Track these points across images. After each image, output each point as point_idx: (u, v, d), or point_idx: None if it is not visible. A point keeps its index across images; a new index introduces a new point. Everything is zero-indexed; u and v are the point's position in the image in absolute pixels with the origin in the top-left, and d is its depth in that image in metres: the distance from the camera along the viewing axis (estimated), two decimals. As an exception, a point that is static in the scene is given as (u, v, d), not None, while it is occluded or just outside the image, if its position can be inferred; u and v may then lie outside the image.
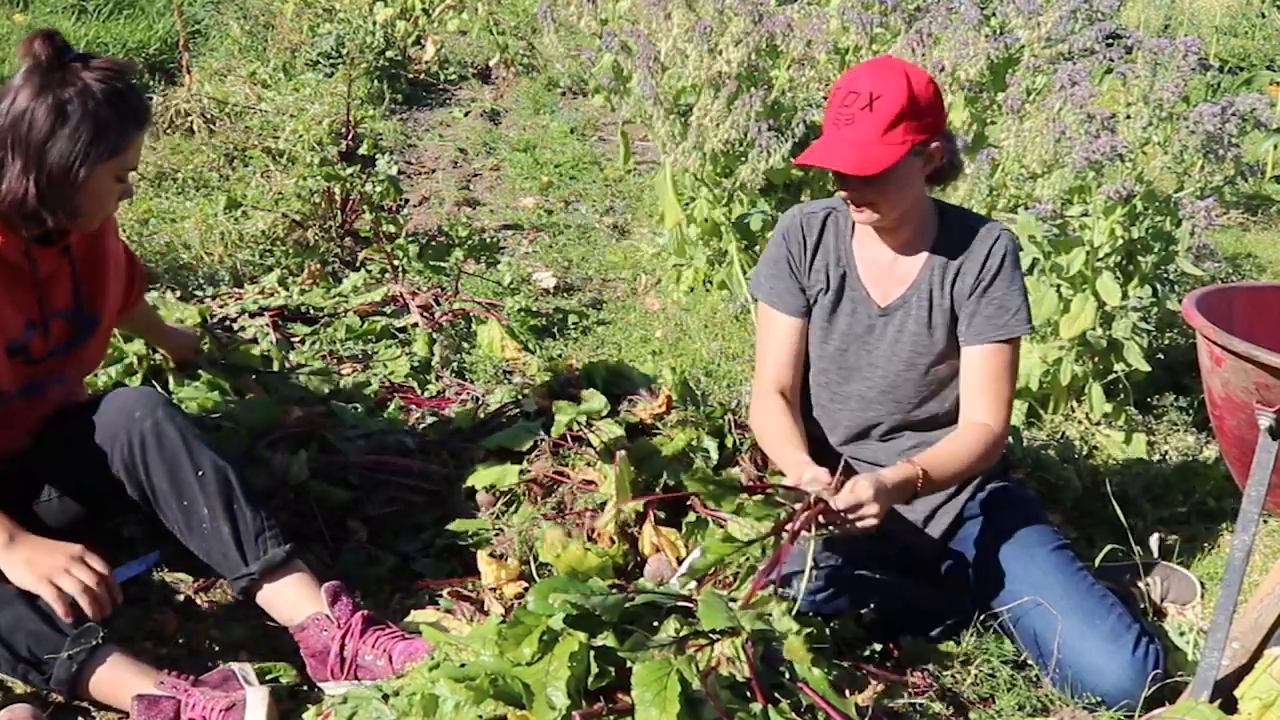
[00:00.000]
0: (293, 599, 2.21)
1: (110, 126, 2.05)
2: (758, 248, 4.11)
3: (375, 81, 6.53)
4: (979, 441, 2.33)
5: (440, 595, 2.45)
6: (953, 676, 2.33)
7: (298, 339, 3.62)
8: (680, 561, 2.46)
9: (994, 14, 4.35)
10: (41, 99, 2.02)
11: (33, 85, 2.03)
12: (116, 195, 2.15)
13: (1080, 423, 3.39)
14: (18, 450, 2.31)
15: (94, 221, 2.19)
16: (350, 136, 5.21)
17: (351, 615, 2.18)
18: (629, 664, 1.72)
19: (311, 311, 3.84)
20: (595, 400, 2.92)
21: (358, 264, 4.34)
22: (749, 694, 1.73)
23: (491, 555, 2.50)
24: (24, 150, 2.03)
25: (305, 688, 2.19)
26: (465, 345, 3.81)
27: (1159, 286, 3.37)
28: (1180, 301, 2.75)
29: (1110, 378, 3.35)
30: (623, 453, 2.62)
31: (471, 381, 3.58)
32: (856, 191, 2.28)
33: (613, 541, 2.49)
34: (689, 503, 2.62)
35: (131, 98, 2.10)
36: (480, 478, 2.72)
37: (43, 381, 2.29)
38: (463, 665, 1.79)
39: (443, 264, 4.36)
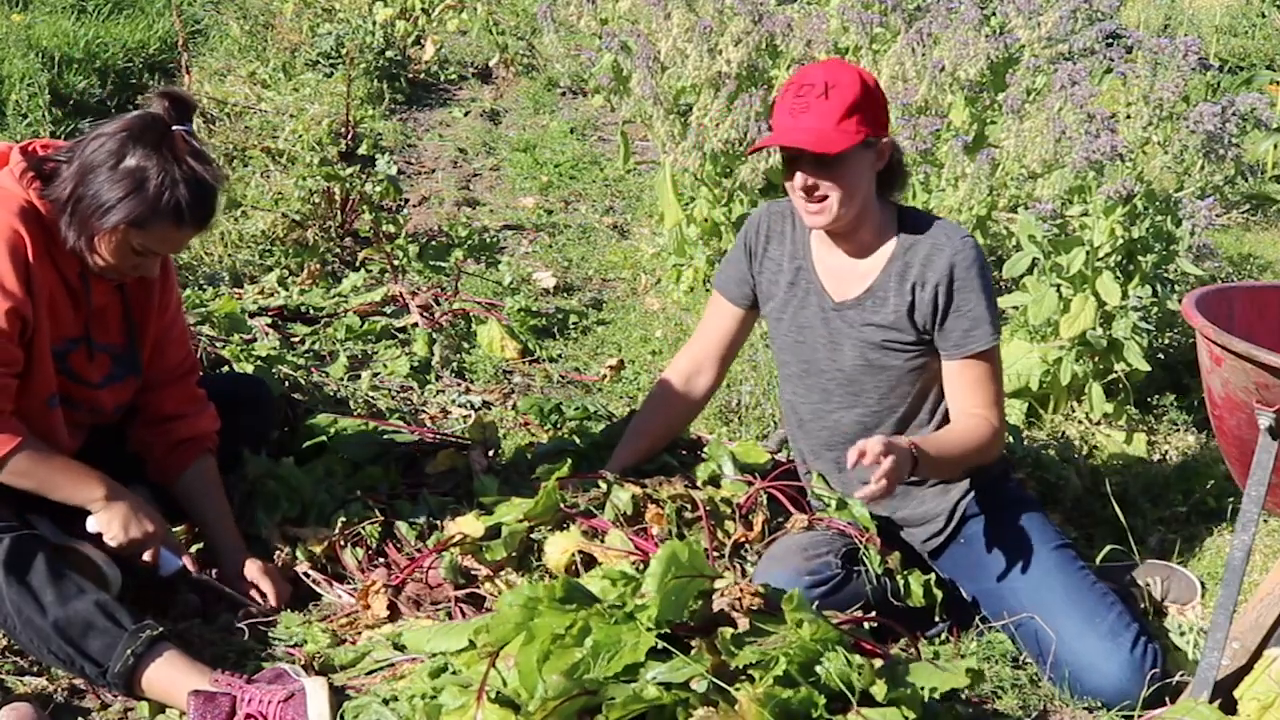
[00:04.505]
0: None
1: (147, 204, 2.13)
2: (758, 248, 4.11)
3: (375, 81, 6.52)
4: (976, 430, 2.35)
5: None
6: (953, 676, 2.32)
7: (297, 339, 3.62)
8: None
9: (994, 14, 4.35)
10: (120, 140, 2.14)
11: (129, 127, 2.16)
12: (132, 265, 2.23)
13: (1080, 423, 3.39)
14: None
15: (110, 271, 2.24)
16: (350, 136, 5.21)
17: None
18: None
19: (311, 311, 3.84)
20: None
21: (358, 264, 4.34)
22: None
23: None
24: (80, 166, 2.14)
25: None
26: (465, 345, 3.81)
27: (1159, 286, 3.37)
28: (1180, 301, 2.75)
29: (1110, 378, 3.35)
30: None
31: (472, 381, 3.59)
32: (812, 179, 2.29)
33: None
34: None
35: (186, 200, 2.15)
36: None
37: (80, 403, 2.35)
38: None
39: (443, 264, 4.36)
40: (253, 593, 2.41)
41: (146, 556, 2.27)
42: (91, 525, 2.21)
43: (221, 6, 7.35)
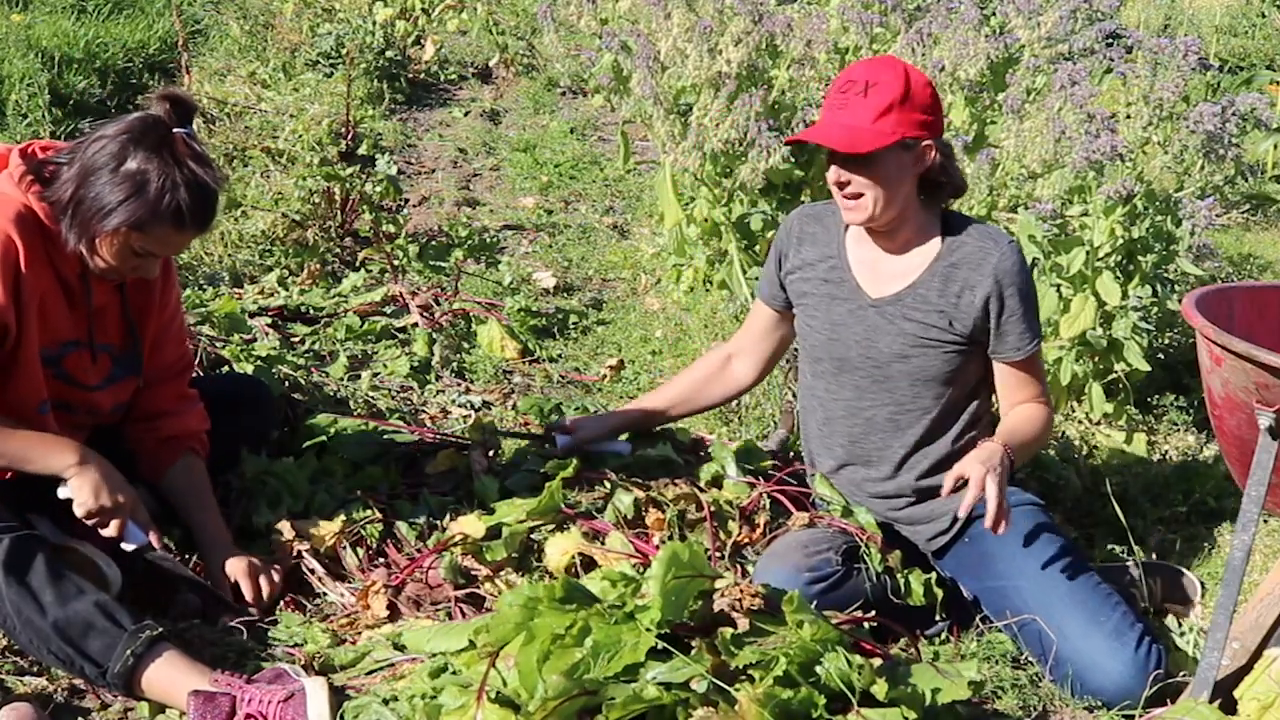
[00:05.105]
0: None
1: (148, 207, 2.13)
2: (758, 248, 4.11)
3: (375, 81, 6.52)
4: (1039, 414, 2.45)
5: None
6: (953, 677, 2.32)
7: (297, 339, 3.62)
8: None
9: (994, 14, 4.35)
10: (121, 143, 2.14)
11: (130, 129, 2.16)
12: (132, 266, 2.23)
13: (1080, 423, 3.39)
14: None
15: (110, 272, 2.24)
16: (350, 136, 5.21)
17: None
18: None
19: (311, 311, 3.84)
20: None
21: (358, 264, 4.34)
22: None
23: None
24: (81, 168, 2.15)
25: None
26: (465, 345, 3.81)
27: (1159, 286, 3.37)
28: (1180, 301, 2.75)
29: (1110, 378, 3.35)
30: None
31: (472, 381, 3.58)
32: (846, 177, 2.33)
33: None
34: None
35: (187, 203, 2.15)
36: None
37: (77, 406, 2.35)
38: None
39: (443, 264, 4.36)
40: (234, 591, 2.37)
41: (112, 530, 2.21)
42: (63, 492, 2.19)
43: (221, 6, 7.35)
